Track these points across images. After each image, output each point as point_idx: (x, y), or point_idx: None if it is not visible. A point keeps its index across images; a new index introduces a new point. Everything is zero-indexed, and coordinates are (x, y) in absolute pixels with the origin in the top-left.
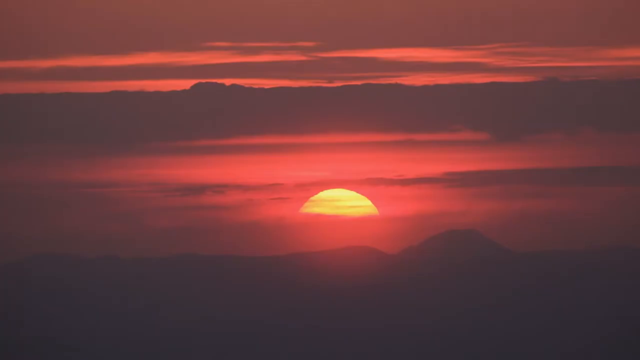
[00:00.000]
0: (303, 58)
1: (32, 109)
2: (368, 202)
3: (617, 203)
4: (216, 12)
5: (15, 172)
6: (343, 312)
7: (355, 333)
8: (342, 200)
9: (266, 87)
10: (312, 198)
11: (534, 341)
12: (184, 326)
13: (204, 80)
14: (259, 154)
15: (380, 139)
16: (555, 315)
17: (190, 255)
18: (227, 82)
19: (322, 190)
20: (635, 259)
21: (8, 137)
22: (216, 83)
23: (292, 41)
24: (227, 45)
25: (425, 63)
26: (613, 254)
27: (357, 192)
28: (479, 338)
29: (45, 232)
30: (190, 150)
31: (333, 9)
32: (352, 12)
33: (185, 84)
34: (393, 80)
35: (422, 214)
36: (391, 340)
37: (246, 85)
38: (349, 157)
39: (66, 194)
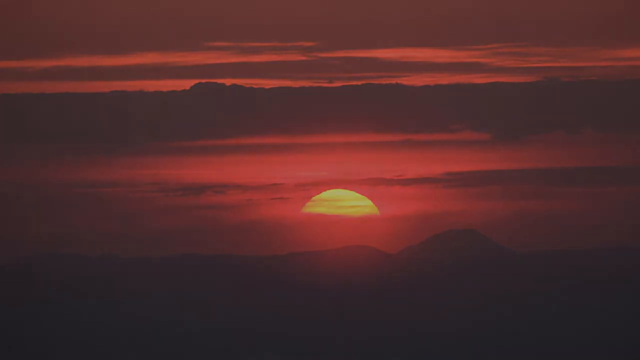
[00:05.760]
0: (303, 58)
1: (32, 109)
2: (368, 202)
3: (617, 203)
4: (216, 12)
5: (15, 172)
6: (343, 311)
7: (355, 333)
8: (342, 200)
9: (266, 87)
10: (312, 198)
11: (534, 341)
12: (184, 326)
13: (204, 80)
14: (259, 154)
15: (380, 139)
16: (555, 315)
17: (190, 255)
18: (227, 82)
19: (322, 190)
20: (635, 259)
21: (8, 137)
22: (216, 83)
23: (292, 41)
24: (227, 45)
25: (425, 63)
26: (613, 254)
27: (357, 192)
28: (478, 337)
29: (45, 232)
30: (190, 150)
31: (333, 9)
32: (352, 12)
33: (185, 84)
34: (393, 80)
35: (422, 214)
36: (391, 339)
37: (246, 85)
38: (349, 157)
39: (66, 194)
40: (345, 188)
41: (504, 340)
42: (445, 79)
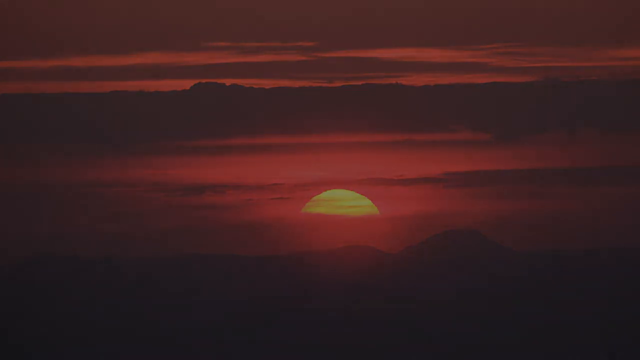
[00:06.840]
0: (303, 58)
1: (32, 109)
2: (368, 202)
3: (617, 203)
4: (216, 12)
5: (15, 172)
6: (343, 311)
7: (355, 332)
8: (342, 200)
9: (266, 87)
10: (312, 198)
11: (534, 341)
12: (185, 325)
13: (204, 80)
14: (259, 154)
15: (380, 139)
16: (555, 315)
17: (191, 255)
18: (227, 82)
19: (322, 190)
20: (635, 259)
21: (8, 137)
22: (216, 83)
23: (292, 41)
24: (227, 45)
25: (425, 63)
26: (613, 254)
27: (357, 192)
28: (478, 337)
29: (45, 232)
30: (190, 150)
31: (333, 9)
32: (352, 12)
33: (185, 84)
34: (393, 80)
35: (422, 214)
36: (391, 339)
37: (246, 85)
38: (349, 157)
39: (66, 194)
40: (345, 188)
41: (504, 340)
42: (445, 79)
